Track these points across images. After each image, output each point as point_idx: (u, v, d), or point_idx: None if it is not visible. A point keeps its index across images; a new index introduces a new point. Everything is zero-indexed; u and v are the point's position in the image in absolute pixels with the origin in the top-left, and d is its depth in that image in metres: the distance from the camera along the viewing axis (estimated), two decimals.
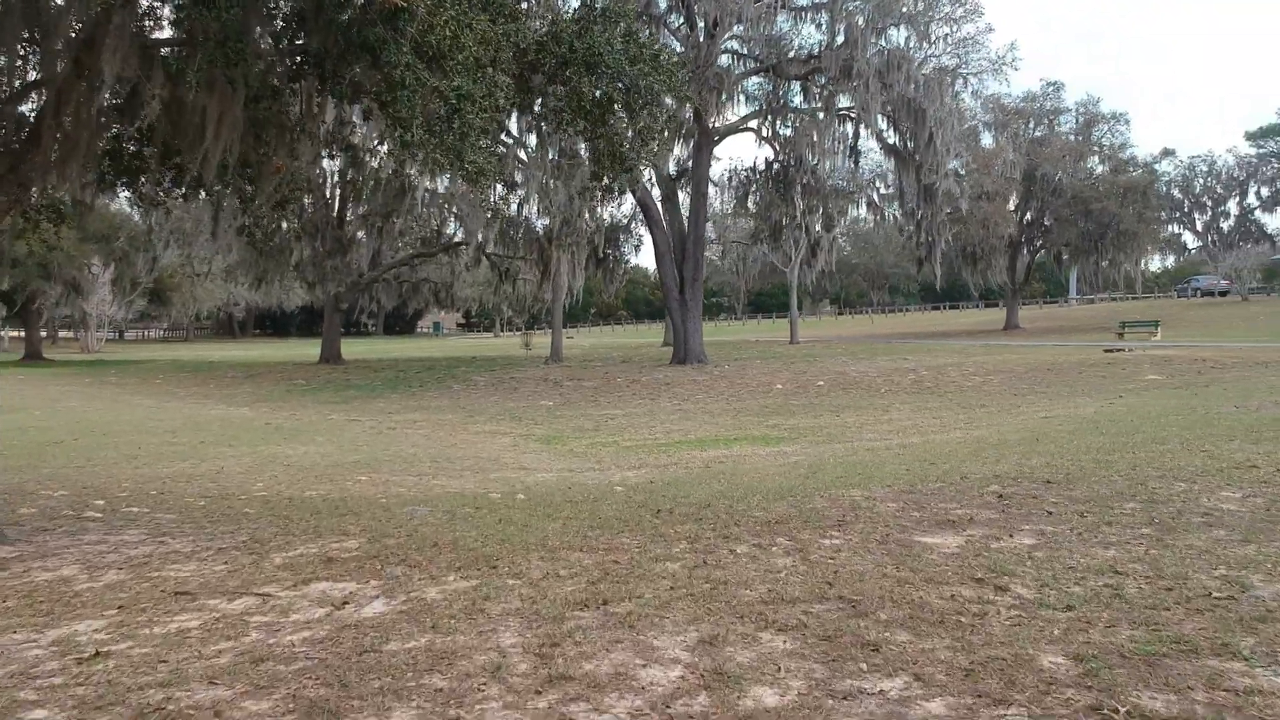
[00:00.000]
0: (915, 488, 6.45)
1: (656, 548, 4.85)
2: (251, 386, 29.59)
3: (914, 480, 6.80)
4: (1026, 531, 4.98)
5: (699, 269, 28.87)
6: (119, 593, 4.98)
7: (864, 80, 23.84)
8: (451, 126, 6.29)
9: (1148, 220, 43.67)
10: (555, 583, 4.19)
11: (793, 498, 6.26)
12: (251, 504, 9.48)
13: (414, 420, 19.84)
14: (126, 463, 13.09)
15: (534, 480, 10.87)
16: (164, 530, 7.75)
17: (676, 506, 6.21)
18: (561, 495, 8.64)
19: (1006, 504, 5.67)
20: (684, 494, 7.19)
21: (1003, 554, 4.54)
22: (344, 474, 11.85)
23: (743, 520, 5.54)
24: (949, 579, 4.12)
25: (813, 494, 6.37)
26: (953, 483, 6.59)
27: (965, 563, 4.39)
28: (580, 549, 4.96)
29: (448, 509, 7.91)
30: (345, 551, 5.67)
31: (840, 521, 5.37)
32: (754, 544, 4.86)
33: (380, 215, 33.76)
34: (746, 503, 6.16)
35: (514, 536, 5.46)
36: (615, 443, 15.82)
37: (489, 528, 6.00)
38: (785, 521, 5.43)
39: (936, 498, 6.04)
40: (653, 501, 6.71)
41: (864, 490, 6.47)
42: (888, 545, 4.73)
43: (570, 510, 6.55)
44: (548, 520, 6.08)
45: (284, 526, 7.58)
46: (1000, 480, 6.51)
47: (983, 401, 18.69)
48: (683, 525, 5.45)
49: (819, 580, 4.10)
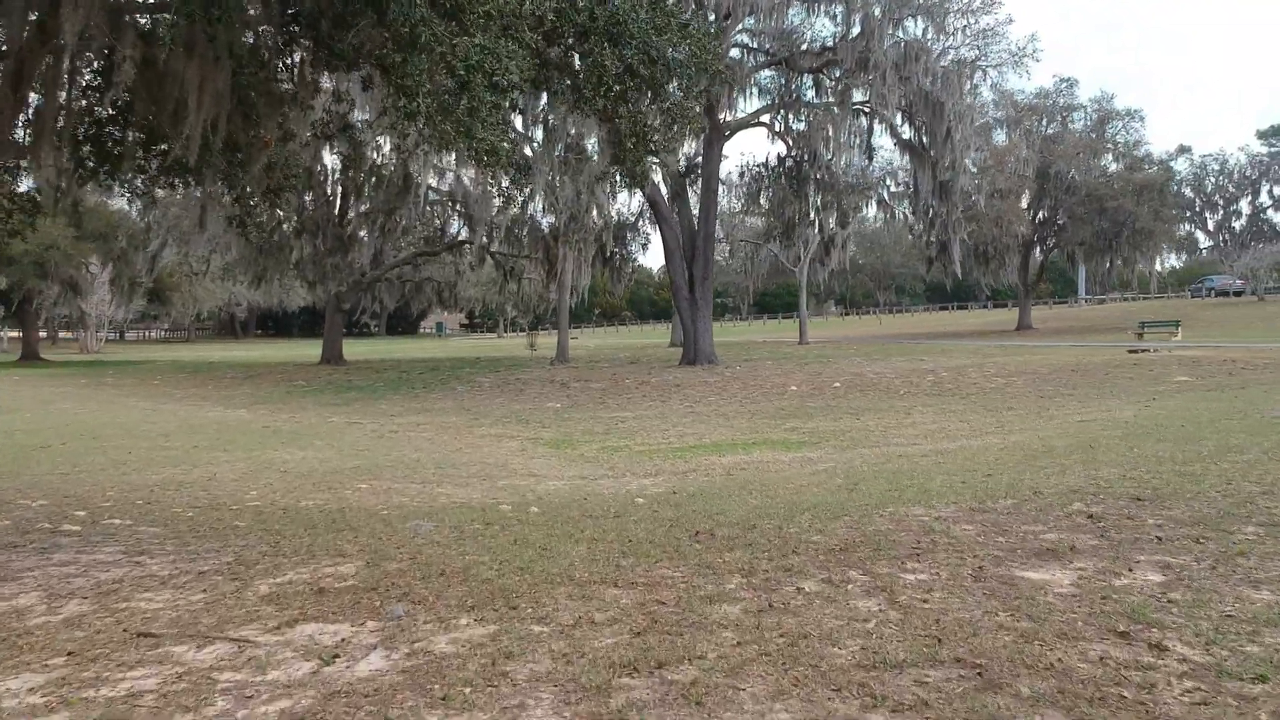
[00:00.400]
0: (984, 505, 5.73)
1: (706, 583, 4.12)
2: (251, 388, 28.90)
3: (979, 496, 6.08)
4: (1146, 564, 4.25)
5: (709, 267, 28.14)
6: (76, 631, 4.28)
7: (881, 72, 23.10)
8: (460, 102, 5.56)
9: (1164, 218, 42.88)
10: (591, 632, 3.47)
11: (848, 517, 5.54)
12: (243, 515, 8.78)
13: (417, 423, 19.14)
14: (114, 469, 12.40)
15: (545, 489, 10.16)
16: (143, 547, 7.05)
17: (716, 527, 5.49)
18: (578, 508, 7.93)
19: (1102, 527, 4.95)
20: (717, 509, 6.48)
21: (1133, 596, 3.77)
22: (343, 481, 11.15)
23: (800, 547, 4.81)
24: (1084, 633, 3.37)
25: (869, 512, 5.65)
26: (1024, 498, 5.88)
27: (1093, 608, 3.62)
28: (614, 583, 4.23)
29: (455, 524, 7.20)
30: (340, 579, 4.96)
31: (917, 549, 4.65)
32: (823, 579, 4.14)
33: (383, 212, 33.08)
34: (797, 524, 5.44)
35: (533, 564, 4.75)
36: (627, 447, 15.10)
37: (503, 550, 5.29)
38: (851, 549, 4.71)
39: (1015, 518, 5.32)
40: (685, 519, 5.99)
41: (926, 508, 5.75)
42: (986, 582, 4.01)
43: (593, 529, 5.84)
44: (570, 542, 5.37)
45: (274, 544, 6.87)
46: (1080, 496, 5.80)
47: (1009, 404, 17.95)
48: (730, 553, 4.73)
49: (921, 633, 3.36)
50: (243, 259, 32.74)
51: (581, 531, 5.72)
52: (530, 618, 3.68)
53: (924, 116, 24.91)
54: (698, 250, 27.41)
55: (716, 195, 28.85)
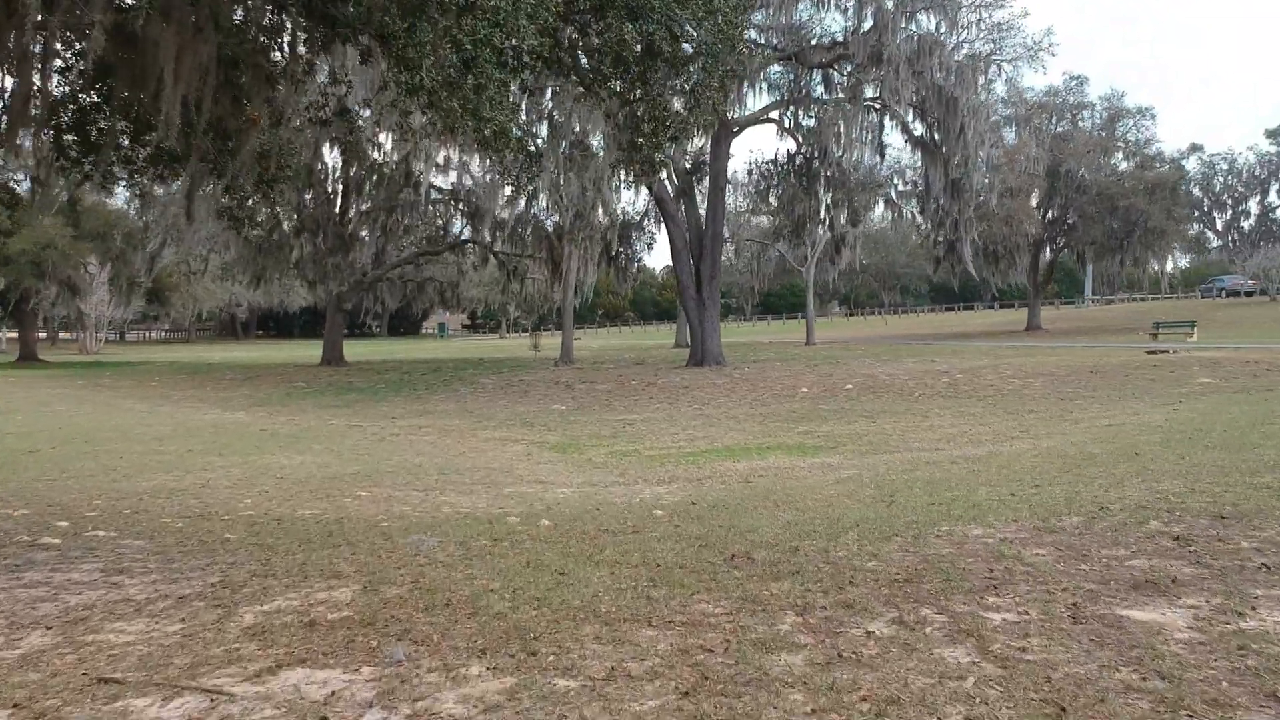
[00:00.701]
0: (1049, 524, 5.20)
1: (756, 623, 3.57)
2: (250, 389, 28.39)
3: (1038, 512, 5.55)
4: (1268, 601, 3.67)
5: (716, 266, 27.60)
6: (30, 673, 3.75)
7: (894, 67, 22.55)
8: (466, 79, 5.02)
9: (1177, 218, 42.27)
10: (629, 689, 2.91)
11: (899, 538, 5.00)
12: (234, 527, 8.25)
13: (419, 426, 18.61)
14: (104, 475, 11.88)
15: (554, 498, 9.63)
16: (124, 564, 6.53)
17: (753, 549, 4.94)
18: (592, 520, 7.39)
19: (1194, 552, 4.41)
20: (746, 525, 5.95)
21: (1274, 645, 3.24)
22: (342, 488, 10.62)
23: (857, 576, 4.25)
24: (1236, 698, 2.78)
25: (921, 532, 5.12)
26: (1091, 515, 5.34)
27: (1233, 662, 2.99)
28: (648, 621, 3.68)
29: (460, 539, 6.67)
30: (333, 608, 4.43)
31: (992, 580, 4.11)
32: (892, 619, 3.58)
33: (384, 210, 32.55)
34: (843, 545, 4.90)
35: (551, 594, 4.21)
36: (636, 451, 14.57)
37: (515, 574, 4.75)
38: (915, 579, 4.17)
39: (1091, 540, 4.77)
40: (714, 538, 5.45)
41: (984, 527, 5.22)
42: (1087, 624, 3.46)
43: (613, 548, 5.30)
44: (589, 565, 4.83)
45: (265, 561, 6.35)
46: (1153, 513, 5.26)
47: (1029, 406, 17.40)
48: (777, 583, 4.18)
49: (1034, 697, 2.75)
50: (241, 258, 32.22)
51: (600, 552, 5.19)
52: (553, 667, 3.14)
53: (937, 112, 24.35)
54: (705, 249, 26.86)
55: (724, 193, 28.31)
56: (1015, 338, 41.80)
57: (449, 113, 4.73)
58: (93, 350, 57.68)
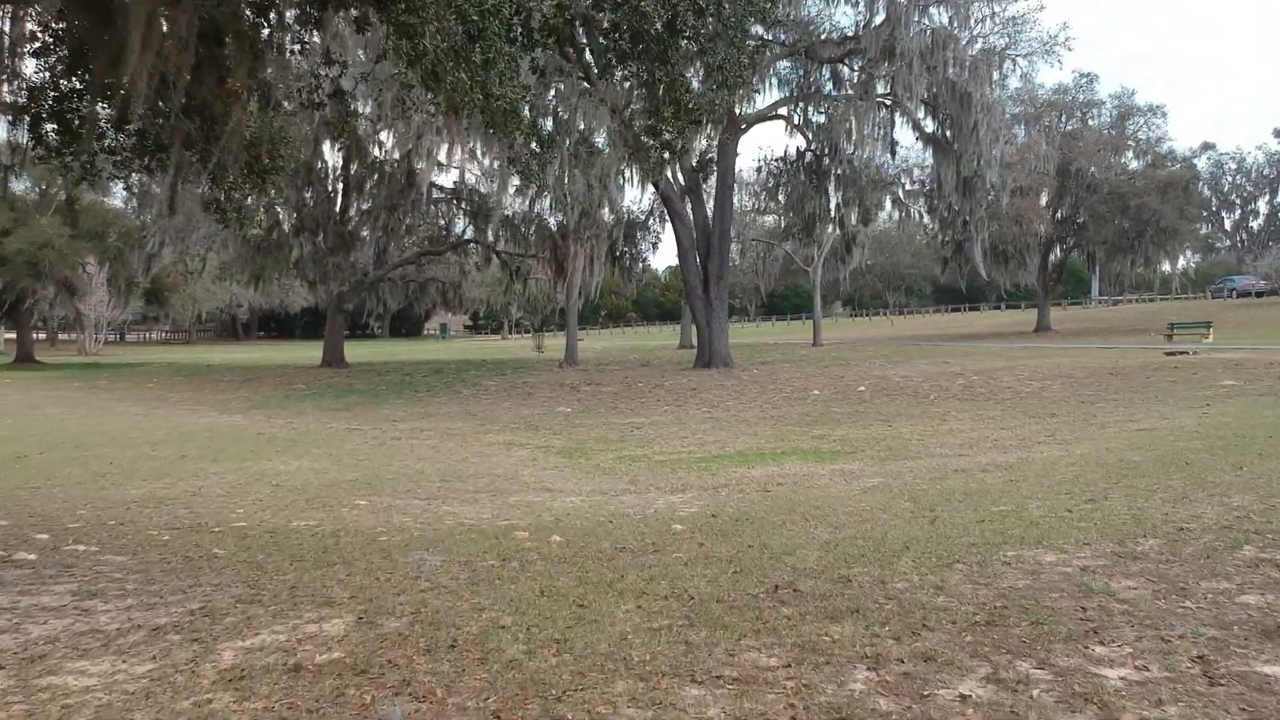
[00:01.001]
0: (1126, 547, 4.67)
1: (822, 680, 3.01)
2: (248, 391, 27.88)
3: (1108, 533, 5.02)
4: None
5: (724, 266, 27.04)
6: None
7: (907, 61, 22.00)
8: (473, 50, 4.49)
9: (1189, 217, 41.67)
10: None
11: (961, 565, 4.47)
12: (224, 540, 7.73)
13: (421, 429, 18.07)
14: (92, 482, 11.37)
15: (563, 508, 9.09)
16: (100, 585, 6.02)
17: (797, 578, 4.41)
18: (607, 535, 6.86)
19: None
20: (781, 545, 5.41)
21: None
22: (340, 497, 10.09)
23: (929, 617, 3.69)
24: None
25: (985, 557, 4.59)
26: (1168, 537, 4.82)
27: None
28: (691, 675, 3.13)
29: (465, 557, 6.15)
30: (323, 646, 3.91)
31: (1088, 622, 3.58)
32: (987, 676, 3.02)
33: (385, 209, 32.01)
34: (899, 574, 4.36)
35: (572, 634, 3.68)
36: (645, 456, 14.02)
37: (528, 605, 4.23)
38: (998, 620, 3.62)
39: (1182, 569, 4.23)
40: (746, 560, 4.92)
41: (1055, 551, 4.69)
42: (1227, 685, 2.91)
43: (635, 573, 4.77)
44: (611, 595, 4.30)
45: (253, 583, 5.83)
46: (1242, 535, 4.73)
47: (1050, 410, 16.85)
48: (836, 624, 3.64)
49: None
50: (240, 258, 31.68)
51: (622, 578, 4.65)
52: None
53: (950, 108, 23.79)
54: (712, 248, 26.32)
55: (732, 191, 27.76)
56: (1026, 338, 41.23)
57: (454, 87, 4.21)
58: (92, 351, 57.21)
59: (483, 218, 32.84)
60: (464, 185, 35.18)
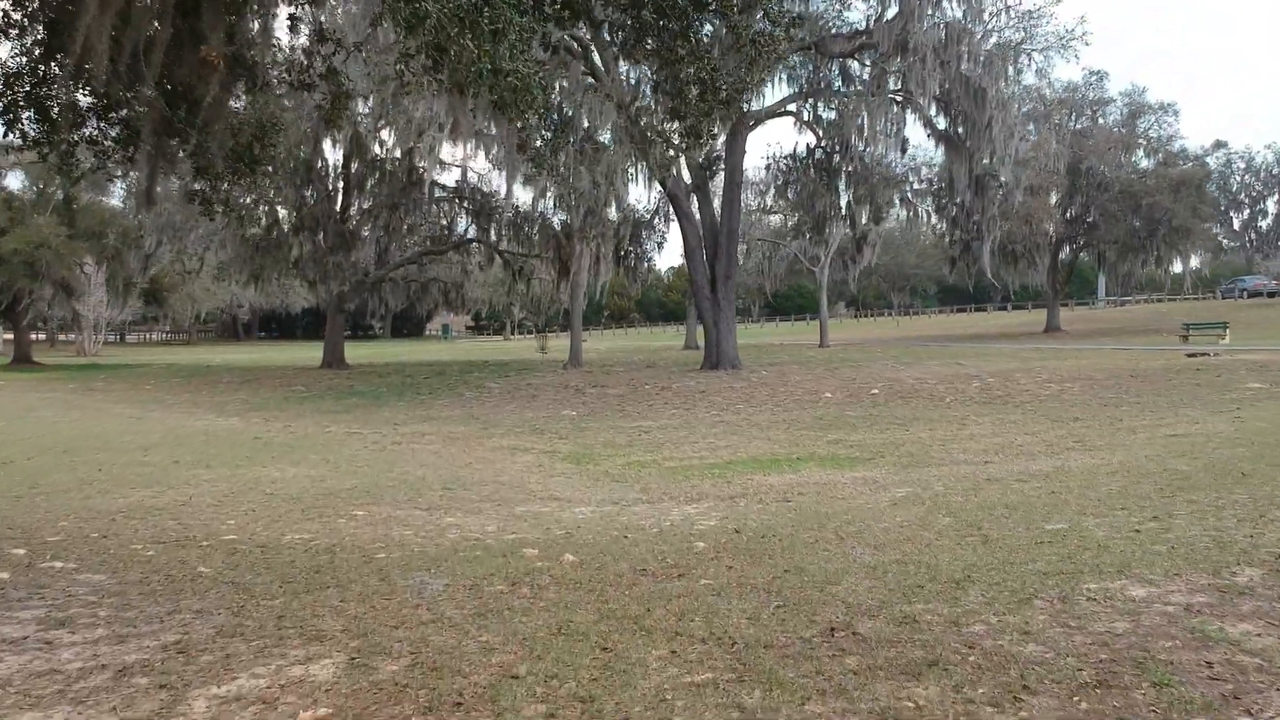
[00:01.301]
0: (1224, 580, 4.13)
1: None
2: (247, 393, 27.37)
3: (1197, 561, 4.48)
4: None
5: (732, 266, 26.48)
6: None
7: (920, 56, 21.44)
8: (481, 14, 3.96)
9: (1202, 216, 41.05)
10: None
11: (1041, 600, 3.93)
12: (211, 556, 7.22)
13: (422, 433, 17.55)
14: (78, 490, 10.85)
15: (574, 520, 8.56)
16: (70, 611, 5.49)
17: (852, 616, 3.86)
18: (624, 555, 6.33)
19: None
20: (816, 569, 4.88)
21: None
22: (337, 506, 9.57)
23: (1025, 671, 3.10)
24: None
25: (1065, 590, 4.05)
26: (1268, 566, 4.28)
27: None
28: None
29: (471, 580, 5.62)
30: (307, 696, 3.38)
31: (1219, 682, 3.03)
32: None
33: (387, 208, 31.48)
34: (968, 610, 3.82)
35: (598, 689, 3.15)
36: (655, 462, 13.49)
37: (545, 649, 3.70)
38: (1111, 680, 3.03)
39: None
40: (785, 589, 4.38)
41: (1141, 584, 4.16)
42: None
43: (661, 605, 4.24)
44: (638, 635, 3.77)
45: (237, 610, 5.30)
46: None
47: (1073, 414, 16.30)
48: (916, 683, 3.09)
49: None
50: (238, 257, 31.14)
51: (648, 611, 4.12)
52: None
53: (963, 104, 23.23)
54: (720, 247, 25.77)
55: (741, 189, 27.21)
56: (1036, 339, 40.66)
57: (460, 58, 3.68)
58: (91, 353, 56.75)
59: (485, 217, 32.32)
60: (466, 184, 34.69)
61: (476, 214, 33.86)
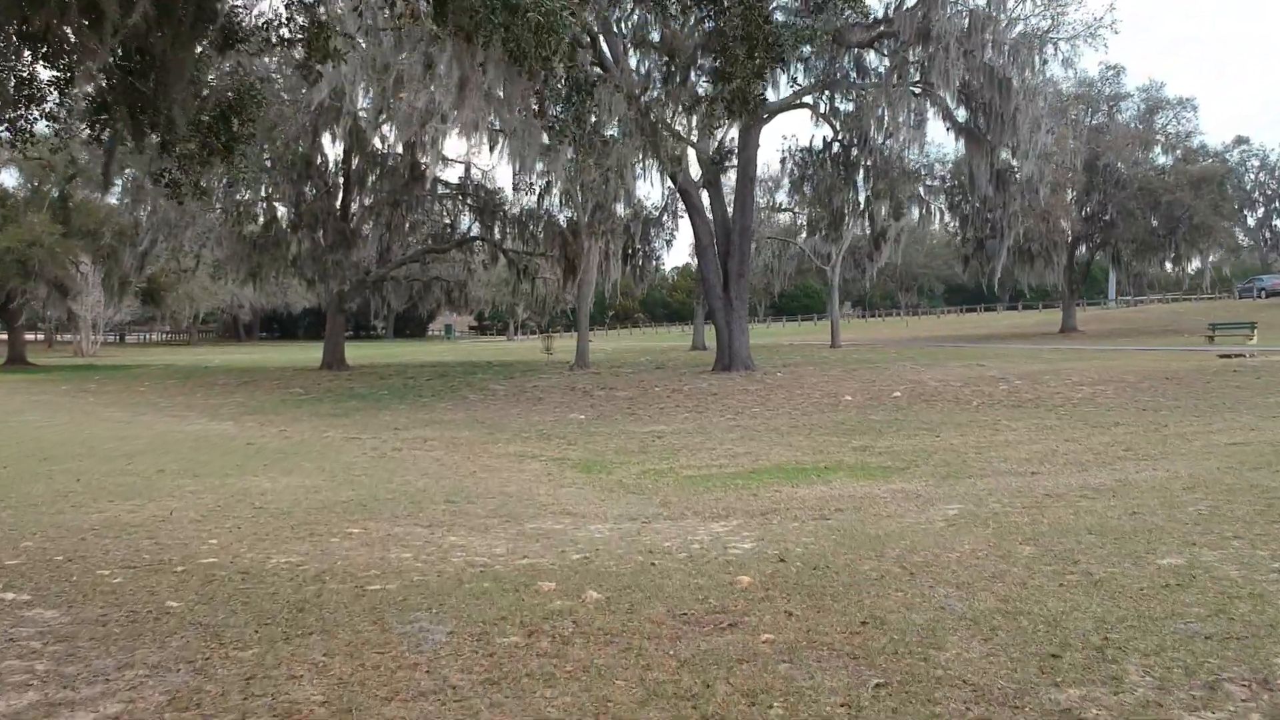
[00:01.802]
0: None
1: None
2: (244, 395, 26.54)
3: None
4: None
5: (745, 264, 25.60)
6: None
7: (943, 45, 20.55)
8: None
9: (1224, 213, 40.09)
10: None
11: (1233, 684, 3.07)
12: (184, 586, 6.38)
13: (424, 438, 16.69)
14: (51, 504, 10.01)
15: (591, 541, 7.69)
16: (4, 662, 4.64)
17: (989, 709, 3.00)
18: (655, 591, 5.47)
19: None
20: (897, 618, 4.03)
21: None
22: (331, 523, 8.72)
23: None
24: None
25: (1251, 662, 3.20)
26: None
27: None
28: None
29: (478, 628, 4.76)
30: None
31: None
32: None
33: (388, 205, 30.64)
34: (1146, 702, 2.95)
35: None
36: (672, 471, 12.59)
37: None
38: None
39: None
40: (873, 653, 3.53)
41: None
42: None
43: (722, 675, 3.39)
44: None
45: (199, 666, 4.44)
46: None
47: (1113, 419, 15.41)
48: None
49: None
50: (235, 255, 30.30)
51: (707, 686, 3.26)
52: None
53: (987, 95, 22.33)
54: (732, 245, 24.89)
55: (754, 184, 26.34)
56: (1052, 340, 39.77)
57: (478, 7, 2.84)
58: (88, 353, 56.00)
59: (489, 214, 31.47)
60: (470, 180, 33.86)
61: (480, 211, 33.04)
